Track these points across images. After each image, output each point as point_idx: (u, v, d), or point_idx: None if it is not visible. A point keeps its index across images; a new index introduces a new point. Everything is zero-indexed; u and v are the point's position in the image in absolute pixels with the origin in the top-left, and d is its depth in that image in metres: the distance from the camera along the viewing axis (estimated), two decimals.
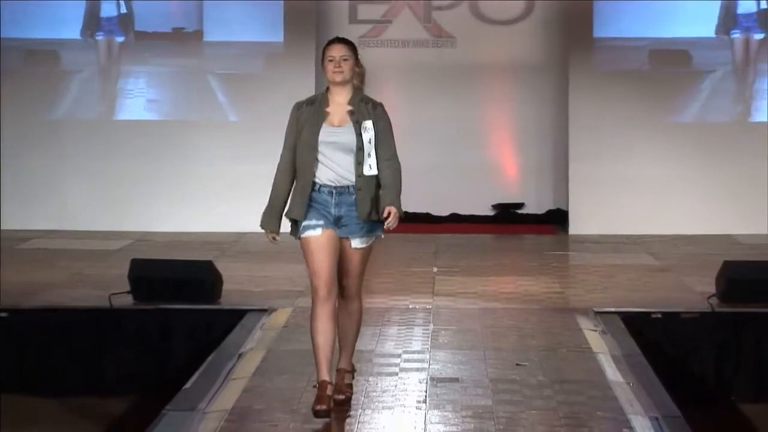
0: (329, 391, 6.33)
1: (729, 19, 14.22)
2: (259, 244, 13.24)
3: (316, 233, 6.33)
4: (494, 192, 15.19)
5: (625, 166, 14.22)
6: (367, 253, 6.51)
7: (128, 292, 9.87)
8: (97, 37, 14.65)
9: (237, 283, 10.46)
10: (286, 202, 6.47)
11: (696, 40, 14.32)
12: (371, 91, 6.18)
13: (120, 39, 14.69)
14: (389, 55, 14.69)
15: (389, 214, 6.30)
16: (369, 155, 6.36)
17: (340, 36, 6.77)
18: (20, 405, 9.21)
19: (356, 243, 6.42)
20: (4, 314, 9.63)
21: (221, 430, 6.47)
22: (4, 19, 14.46)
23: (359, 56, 6.59)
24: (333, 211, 6.36)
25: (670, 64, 14.35)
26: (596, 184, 14.23)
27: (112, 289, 9.96)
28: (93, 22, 14.63)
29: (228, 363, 8.08)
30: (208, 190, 14.35)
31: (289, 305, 9.87)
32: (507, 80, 15.16)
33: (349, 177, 6.36)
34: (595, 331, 9.03)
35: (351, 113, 6.42)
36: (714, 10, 14.29)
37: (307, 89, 14.22)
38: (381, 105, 6.52)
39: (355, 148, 6.35)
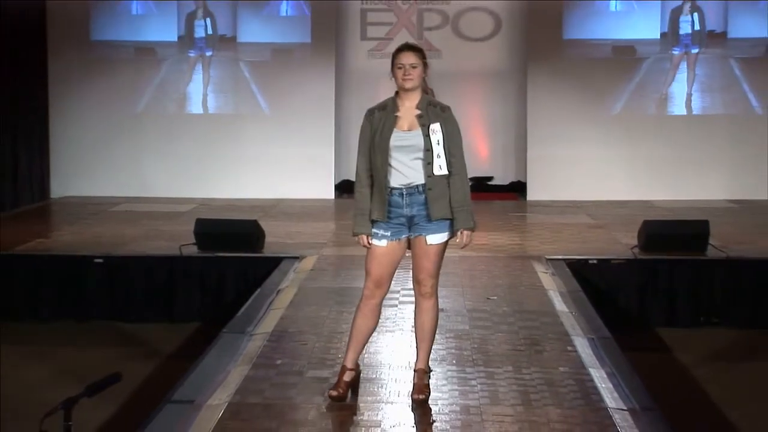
0: (347, 377, 5.34)
1: (673, 37, 14.23)
2: (294, 207, 13.29)
3: (382, 244, 5.21)
4: (470, 168, 14.94)
5: (570, 148, 14.18)
6: (442, 249, 5.27)
7: (194, 244, 9.88)
8: (189, 53, 14.58)
9: (276, 237, 10.45)
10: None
11: (640, 41, 14.32)
12: (378, 94, 5.48)
13: (208, 53, 14.61)
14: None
15: (463, 235, 5.24)
16: (438, 156, 5.15)
17: (410, 43, 5.49)
18: (112, 329, 9.25)
19: (431, 239, 5.21)
20: (100, 260, 9.65)
21: (264, 347, 6.49)
22: (117, 24, 14.51)
23: (427, 61, 5.36)
24: (405, 211, 5.17)
25: (610, 63, 14.31)
26: (548, 161, 14.20)
27: (181, 241, 9.96)
28: (189, 40, 14.56)
29: (269, 297, 8.10)
30: (253, 166, 14.33)
31: (316, 253, 9.88)
32: (480, 83, 15.11)
33: (419, 178, 5.16)
34: (547, 273, 9.03)
35: (419, 117, 5.21)
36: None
37: (327, 88, 14.25)
38: (449, 108, 5.36)
39: (423, 150, 5.17)
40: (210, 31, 14.55)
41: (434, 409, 5.24)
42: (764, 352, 8.47)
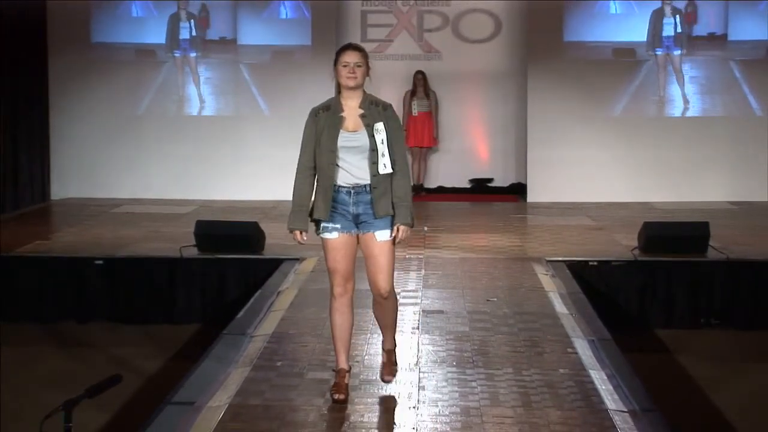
0: (346, 379, 5.41)
1: (655, 39, 14.27)
2: None
3: (333, 236, 5.29)
4: (471, 169, 15.17)
5: (570, 150, 14.19)
6: (391, 245, 5.34)
7: (194, 245, 9.88)
8: (175, 54, 14.61)
9: (276, 239, 10.43)
10: (310, 203, 5.34)
11: (640, 43, 14.36)
12: (379, 95, 5.58)
13: (192, 54, 14.64)
14: (391, 66, 14.63)
15: (398, 230, 5.27)
16: (383, 155, 5.21)
17: (353, 43, 5.55)
18: (112, 330, 9.25)
19: (380, 236, 5.29)
20: (100, 262, 9.66)
21: (264, 349, 6.49)
22: (119, 27, 14.52)
23: (369, 62, 5.39)
24: (351, 209, 5.26)
25: (610, 66, 14.33)
26: (548, 163, 14.20)
27: (182, 242, 9.97)
28: (173, 42, 14.58)
29: (269, 299, 8.10)
30: (253, 168, 14.33)
31: (316, 255, 9.84)
32: (480, 85, 15.11)
33: (365, 177, 5.23)
34: (547, 275, 9.03)
35: (363, 117, 5.27)
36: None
37: (328, 88, 14.22)
38: (390, 106, 5.42)
39: (369, 150, 5.23)
40: (194, 33, 14.58)
41: (434, 410, 5.24)
42: (764, 354, 8.47)
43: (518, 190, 14.83)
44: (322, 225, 5.32)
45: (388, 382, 5.58)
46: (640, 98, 14.34)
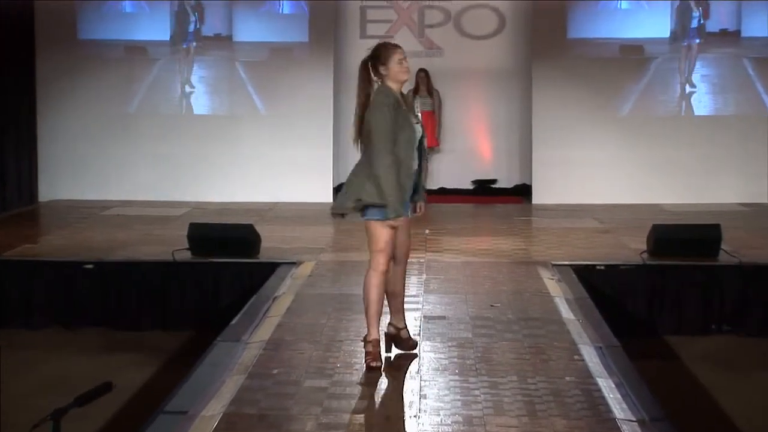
0: (379, 347, 6.05)
1: (680, 30, 14.31)
2: (290, 211, 13.31)
3: (401, 220, 5.88)
4: (474, 170, 15.19)
5: (576, 150, 14.20)
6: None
7: (187, 249, 9.87)
8: (183, 46, 14.66)
9: (272, 242, 10.45)
10: None
11: (648, 40, 14.38)
12: None
13: (194, 45, 14.69)
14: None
15: (422, 208, 6.10)
16: (421, 143, 5.96)
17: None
18: (102, 336, 9.25)
19: (410, 214, 6.03)
20: (90, 266, 9.66)
21: (260, 356, 6.48)
22: (108, 24, 14.55)
23: None
24: (409, 193, 5.95)
25: (617, 63, 14.34)
26: (554, 164, 14.21)
27: (174, 246, 9.96)
28: (180, 34, 14.61)
29: (265, 304, 8.09)
30: (249, 169, 14.35)
31: (313, 259, 9.88)
32: (483, 82, 15.13)
33: (414, 165, 5.91)
34: (552, 279, 9.02)
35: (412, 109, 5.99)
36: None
37: (325, 88, 14.27)
38: None
39: (418, 140, 5.92)
40: (198, 26, 14.64)
41: (436, 419, 5.23)
42: None
43: (523, 192, 14.84)
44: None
45: (412, 348, 6.31)
46: (649, 97, 14.36)
